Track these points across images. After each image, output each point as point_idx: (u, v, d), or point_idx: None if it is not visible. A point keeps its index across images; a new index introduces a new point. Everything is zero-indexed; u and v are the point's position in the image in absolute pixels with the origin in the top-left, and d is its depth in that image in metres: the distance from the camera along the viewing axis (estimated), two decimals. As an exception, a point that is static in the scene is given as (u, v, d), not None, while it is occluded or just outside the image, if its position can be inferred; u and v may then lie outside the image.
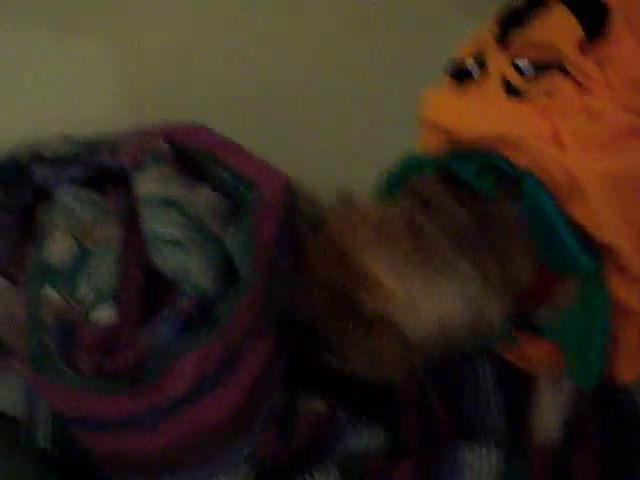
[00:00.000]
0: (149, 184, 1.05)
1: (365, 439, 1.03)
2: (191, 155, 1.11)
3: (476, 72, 0.91)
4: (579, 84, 0.85)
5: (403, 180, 0.91)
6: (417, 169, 0.90)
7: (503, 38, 0.91)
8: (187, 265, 0.97)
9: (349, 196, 0.92)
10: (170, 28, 1.24)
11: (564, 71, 0.86)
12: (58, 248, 1.02)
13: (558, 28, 0.88)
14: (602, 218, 0.80)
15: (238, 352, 0.94)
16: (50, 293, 0.98)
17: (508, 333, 0.90)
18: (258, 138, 1.12)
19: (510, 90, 0.88)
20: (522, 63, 0.88)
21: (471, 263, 0.83)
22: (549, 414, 1.03)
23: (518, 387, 1.03)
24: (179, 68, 1.25)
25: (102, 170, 1.10)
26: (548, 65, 0.87)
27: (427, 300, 0.83)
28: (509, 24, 0.92)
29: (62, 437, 0.98)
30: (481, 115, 0.88)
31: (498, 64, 0.90)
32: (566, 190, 0.80)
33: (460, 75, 0.92)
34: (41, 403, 0.99)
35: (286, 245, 1.01)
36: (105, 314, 0.95)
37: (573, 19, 0.87)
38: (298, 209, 1.06)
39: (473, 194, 0.83)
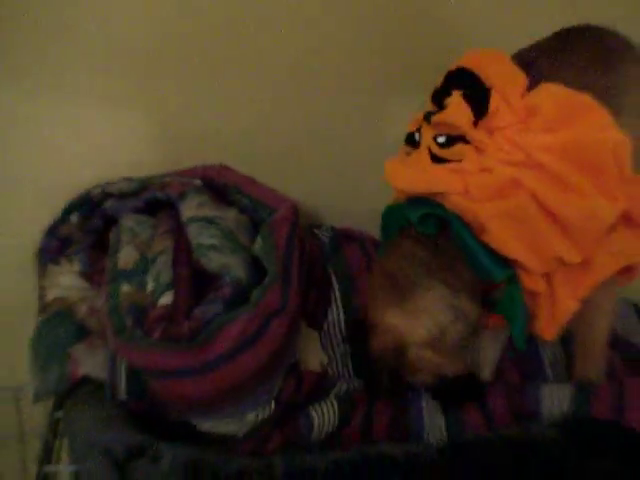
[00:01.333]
0: (192, 209, 1.29)
1: (350, 386, 1.20)
2: (220, 188, 1.36)
3: (419, 141, 1.07)
4: (477, 149, 1.01)
5: (389, 226, 1.11)
6: (395, 217, 1.09)
7: (429, 118, 1.06)
8: (227, 263, 1.13)
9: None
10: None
11: (467, 141, 1.01)
12: (127, 258, 1.20)
13: (457, 111, 1.01)
14: (504, 243, 0.98)
15: (266, 324, 1.06)
16: (126, 289, 1.14)
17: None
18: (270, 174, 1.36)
19: (434, 158, 1.03)
20: (440, 139, 1.03)
21: (440, 281, 1.03)
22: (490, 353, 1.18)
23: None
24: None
25: (155, 201, 1.35)
26: (457, 137, 1.02)
27: (425, 318, 1.03)
28: (435, 101, 1.07)
29: (135, 390, 1.09)
30: (417, 178, 1.03)
31: (426, 139, 1.05)
32: (477, 227, 0.99)
33: (412, 143, 1.10)
34: (119, 368, 1.10)
35: (295, 249, 1.18)
36: (167, 299, 1.09)
37: (465, 104, 1.01)
38: (301, 225, 1.26)
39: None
